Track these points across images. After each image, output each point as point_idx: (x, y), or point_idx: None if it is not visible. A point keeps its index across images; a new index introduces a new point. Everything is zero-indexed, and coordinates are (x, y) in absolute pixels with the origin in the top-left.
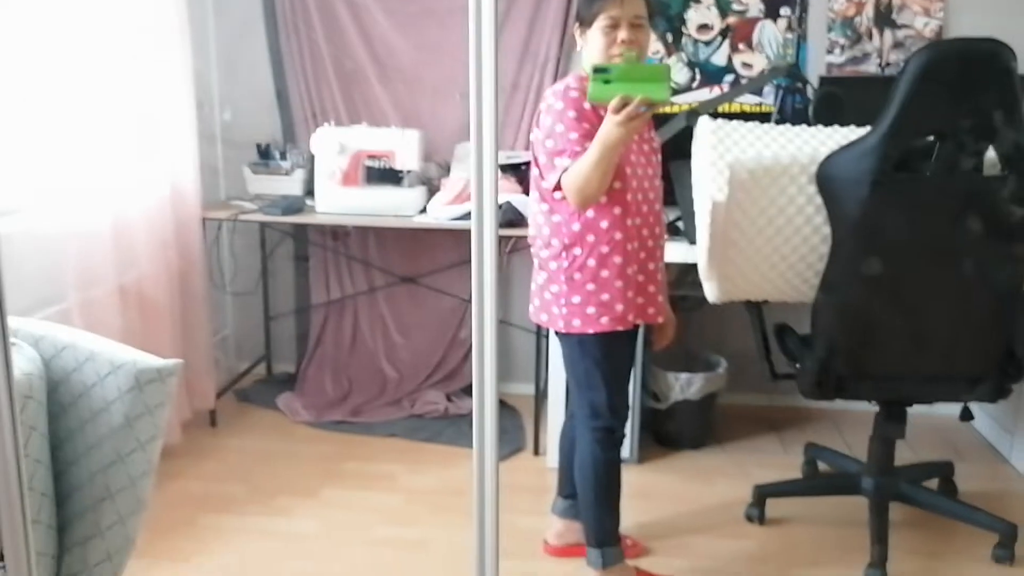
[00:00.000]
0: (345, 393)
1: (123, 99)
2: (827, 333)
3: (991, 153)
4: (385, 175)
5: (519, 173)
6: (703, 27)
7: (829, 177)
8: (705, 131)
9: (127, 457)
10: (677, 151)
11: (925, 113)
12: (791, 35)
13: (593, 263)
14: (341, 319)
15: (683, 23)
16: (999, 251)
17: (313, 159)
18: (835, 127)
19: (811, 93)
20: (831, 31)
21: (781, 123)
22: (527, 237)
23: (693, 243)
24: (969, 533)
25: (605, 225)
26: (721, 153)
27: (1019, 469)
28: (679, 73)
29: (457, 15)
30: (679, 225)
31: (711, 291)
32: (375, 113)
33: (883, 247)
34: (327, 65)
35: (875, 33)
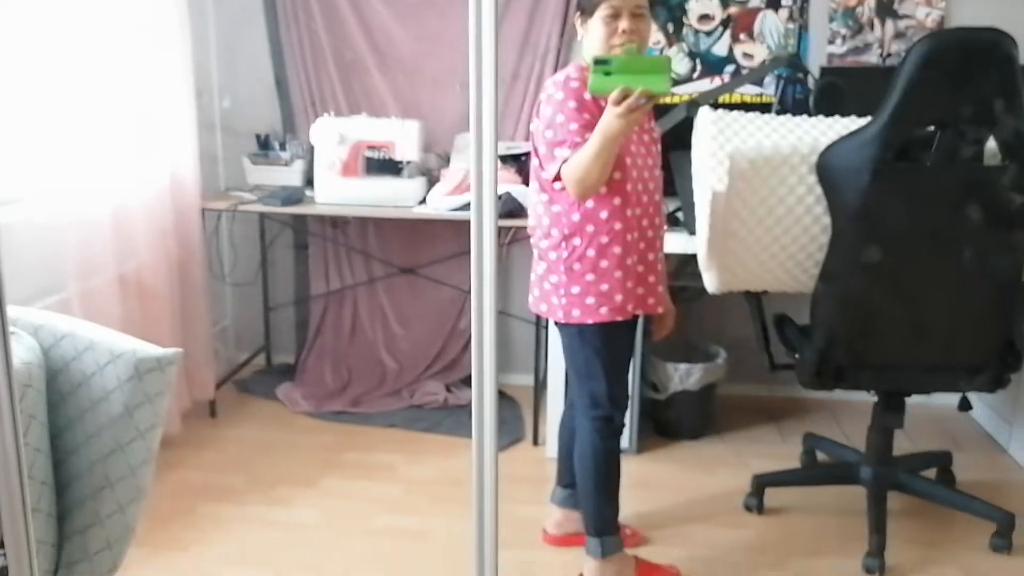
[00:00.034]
0: (344, 383)
1: (123, 89)
2: (826, 323)
3: (991, 143)
4: (385, 166)
5: (519, 164)
6: (704, 17)
7: (829, 167)
8: (705, 121)
9: (127, 446)
10: (677, 141)
11: (926, 102)
12: (792, 25)
13: (593, 253)
14: (341, 310)
15: (684, 13)
16: (999, 241)
17: (313, 150)
18: (836, 117)
19: (812, 83)
20: (832, 21)
21: (782, 113)
22: (527, 227)
23: (693, 233)
24: (967, 522)
25: (605, 215)
26: (721, 143)
27: (1017, 459)
28: (680, 63)
29: (457, 5)
30: (679, 215)
31: (711, 281)
32: (375, 103)
33: (883, 237)
34: (327, 55)
35: (876, 23)
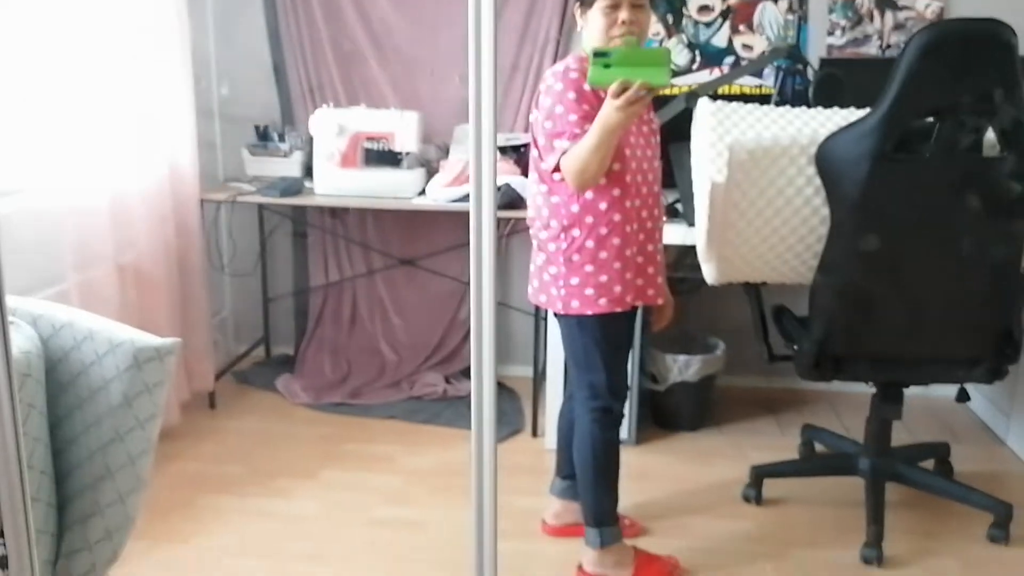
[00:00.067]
0: (344, 375)
1: (121, 78)
2: (825, 314)
3: (990, 135)
4: (384, 157)
5: (518, 155)
6: (704, 8)
7: (828, 158)
8: (705, 113)
9: (126, 435)
10: (676, 133)
11: (925, 93)
12: (792, 16)
13: (592, 244)
14: (340, 301)
15: (683, 4)
16: (998, 232)
17: (311, 141)
18: (835, 109)
19: (811, 75)
20: (832, 12)
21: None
22: (526, 218)
23: (692, 225)
24: (965, 513)
25: (604, 206)
26: (720, 135)
27: (1015, 450)
28: (679, 54)
29: None
30: (678, 207)
31: (710, 273)
32: (374, 94)
33: (882, 228)
34: (325, 45)
35: (876, 15)
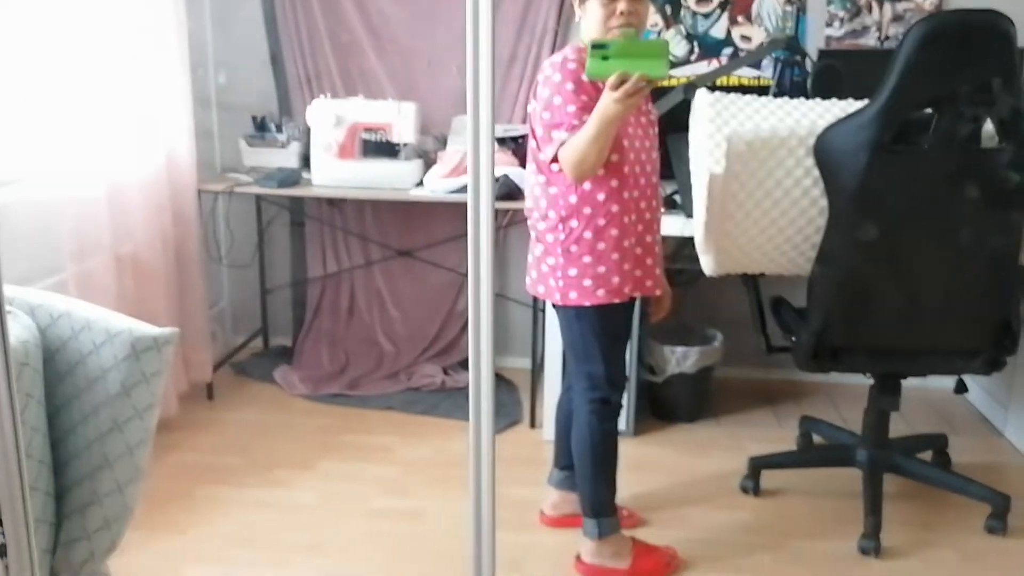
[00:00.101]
0: (342, 366)
1: (118, 67)
2: (823, 305)
3: (989, 125)
4: (381, 148)
5: (516, 146)
6: None
7: (827, 149)
8: (703, 104)
9: (124, 425)
10: (674, 124)
11: (924, 84)
12: (790, 8)
13: (590, 235)
14: (338, 292)
15: None
16: (996, 222)
17: (309, 131)
18: (833, 100)
19: (810, 66)
20: (831, 4)
21: (779, 96)
22: (524, 209)
23: (690, 216)
24: (962, 504)
25: (602, 197)
26: (719, 126)
27: (1012, 441)
28: (677, 46)
29: None
30: (676, 198)
31: (708, 264)
32: (371, 85)
33: (880, 219)
34: (322, 34)
35: (875, 6)
